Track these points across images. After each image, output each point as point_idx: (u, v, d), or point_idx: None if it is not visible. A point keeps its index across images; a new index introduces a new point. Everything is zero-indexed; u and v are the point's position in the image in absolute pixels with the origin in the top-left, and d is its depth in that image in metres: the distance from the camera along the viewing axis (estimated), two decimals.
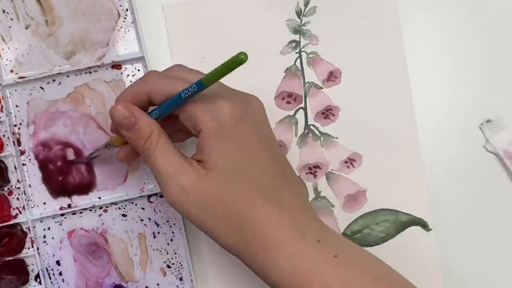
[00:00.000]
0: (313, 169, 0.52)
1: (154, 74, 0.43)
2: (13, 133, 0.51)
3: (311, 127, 0.52)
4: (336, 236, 0.43)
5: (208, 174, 0.40)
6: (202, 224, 0.41)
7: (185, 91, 0.39)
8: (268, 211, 0.40)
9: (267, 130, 0.43)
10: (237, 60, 0.35)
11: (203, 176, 0.40)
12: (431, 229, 0.51)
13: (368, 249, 0.51)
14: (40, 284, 0.51)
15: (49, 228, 0.51)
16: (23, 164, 0.51)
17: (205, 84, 0.38)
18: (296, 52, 0.52)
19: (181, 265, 0.51)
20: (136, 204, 0.51)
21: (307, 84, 0.52)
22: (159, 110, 0.41)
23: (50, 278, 0.51)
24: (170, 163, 0.40)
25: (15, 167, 0.50)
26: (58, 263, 0.51)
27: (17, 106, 0.51)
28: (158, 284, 0.51)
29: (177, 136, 0.46)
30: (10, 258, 0.50)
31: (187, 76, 0.42)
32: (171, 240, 0.51)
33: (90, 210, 0.51)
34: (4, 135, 0.50)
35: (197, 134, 0.40)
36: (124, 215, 0.51)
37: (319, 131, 0.52)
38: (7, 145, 0.50)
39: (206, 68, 0.51)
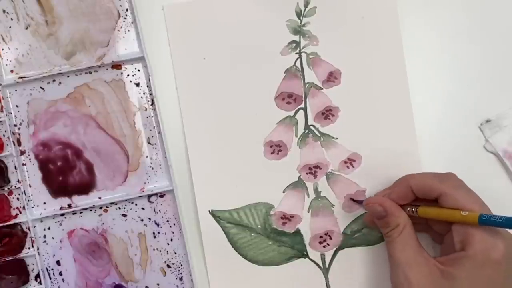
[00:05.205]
0: (313, 169, 0.52)
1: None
2: (13, 133, 0.51)
3: (311, 127, 0.52)
4: None
5: (441, 280, 0.42)
6: None
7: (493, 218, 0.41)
8: None
9: None
10: None
11: (435, 277, 0.42)
12: None
13: (368, 248, 0.51)
14: (40, 284, 0.51)
15: (49, 228, 0.51)
16: (23, 164, 0.51)
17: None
18: (296, 53, 0.52)
19: (181, 265, 0.51)
20: (136, 204, 0.51)
21: (307, 84, 0.52)
22: None
23: (50, 278, 0.51)
24: (405, 254, 0.44)
25: (15, 167, 0.50)
26: (58, 263, 0.51)
27: (17, 106, 0.51)
28: (158, 284, 0.51)
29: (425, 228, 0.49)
30: (10, 258, 0.50)
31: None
32: (171, 240, 0.51)
33: (90, 210, 0.51)
34: (4, 135, 0.51)
35: (457, 249, 0.43)
36: (124, 215, 0.51)
37: (319, 132, 0.52)
38: (7, 145, 0.51)
39: (207, 68, 0.51)
